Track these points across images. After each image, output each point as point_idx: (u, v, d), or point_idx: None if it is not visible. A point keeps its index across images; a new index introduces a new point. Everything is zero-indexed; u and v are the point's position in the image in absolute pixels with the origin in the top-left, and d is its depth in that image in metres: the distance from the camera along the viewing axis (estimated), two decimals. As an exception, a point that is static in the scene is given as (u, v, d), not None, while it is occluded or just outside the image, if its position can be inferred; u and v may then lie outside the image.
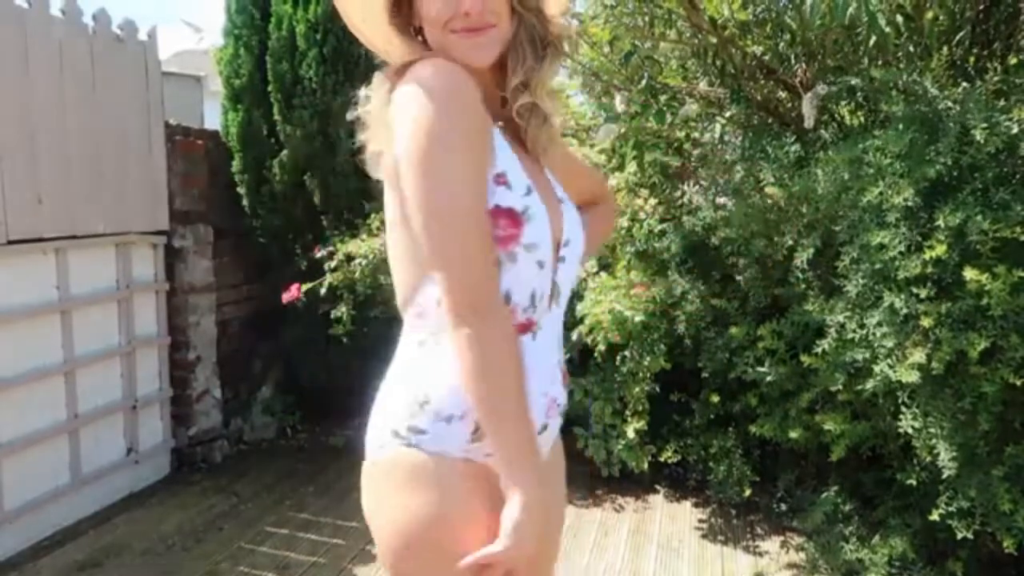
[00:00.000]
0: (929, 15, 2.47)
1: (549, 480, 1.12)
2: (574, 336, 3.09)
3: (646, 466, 3.09)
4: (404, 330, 1.09)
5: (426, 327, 1.03)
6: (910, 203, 2.00)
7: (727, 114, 3.12)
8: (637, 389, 2.99)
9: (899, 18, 2.43)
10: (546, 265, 1.04)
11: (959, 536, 2.05)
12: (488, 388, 0.95)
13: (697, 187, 3.22)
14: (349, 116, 1.12)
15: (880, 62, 2.59)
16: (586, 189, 1.32)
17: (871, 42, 2.35)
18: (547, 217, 1.03)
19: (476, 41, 1.01)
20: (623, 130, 3.17)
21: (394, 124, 0.98)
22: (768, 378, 2.60)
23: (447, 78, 0.96)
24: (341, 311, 3.39)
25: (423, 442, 0.99)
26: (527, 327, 1.04)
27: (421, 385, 1.01)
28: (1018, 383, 1.90)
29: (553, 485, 1.19)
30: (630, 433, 3.00)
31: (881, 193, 2.04)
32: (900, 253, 2.00)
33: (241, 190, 3.79)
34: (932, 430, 2.04)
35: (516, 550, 0.93)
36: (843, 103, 2.80)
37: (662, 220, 3.22)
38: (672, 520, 3.01)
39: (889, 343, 2.04)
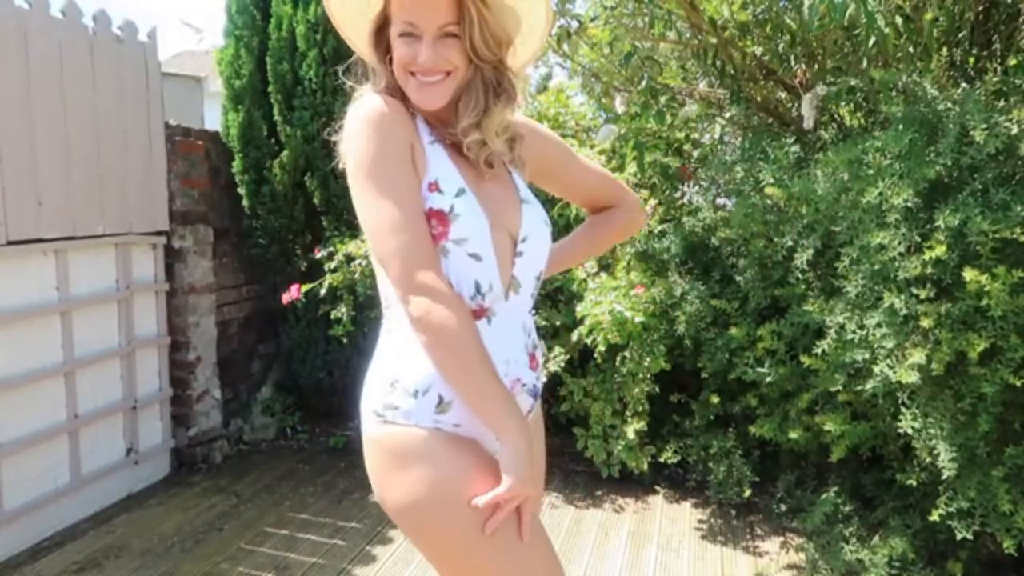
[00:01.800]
0: (928, 16, 2.47)
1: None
2: (574, 336, 3.10)
3: (646, 467, 3.09)
4: (382, 323, 1.26)
5: (391, 317, 1.21)
6: (910, 204, 2.01)
7: (727, 115, 3.12)
8: (637, 390, 2.99)
9: (898, 19, 2.43)
10: (485, 258, 1.17)
11: (959, 537, 2.05)
12: (450, 355, 1.10)
13: (697, 188, 3.22)
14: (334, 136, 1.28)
15: (879, 63, 2.60)
16: (598, 196, 1.51)
17: (870, 43, 2.35)
18: (482, 215, 1.16)
19: (427, 89, 1.16)
20: (623, 131, 3.18)
21: (342, 145, 1.18)
22: (768, 379, 2.60)
23: (372, 109, 1.14)
24: (341, 312, 3.39)
25: (397, 417, 1.14)
26: (479, 314, 1.17)
27: (391, 367, 1.17)
28: (1018, 384, 1.90)
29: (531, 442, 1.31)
30: (630, 434, 3.01)
31: (881, 194, 2.05)
32: (900, 254, 2.01)
33: (241, 191, 3.79)
34: (932, 431, 2.04)
35: (519, 487, 1.07)
36: (843, 104, 2.80)
37: (662, 221, 3.22)
38: (672, 521, 3.01)
39: (889, 344, 2.04)
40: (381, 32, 1.21)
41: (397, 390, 1.15)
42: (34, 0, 2.71)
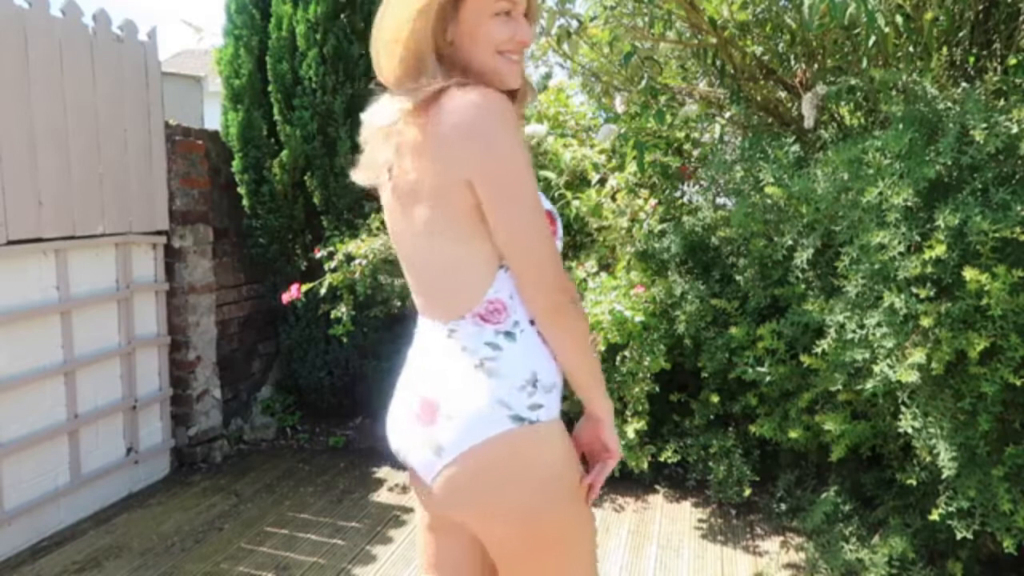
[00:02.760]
0: (928, 15, 2.47)
1: None
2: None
3: (646, 466, 3.09)
4: (463, 333, 1.17)
5: (504, 320, 1.16)
6: (910, 203, 2.01)
7: (727, 115, 3.12)
8: (637, 389, 2.99)
9: (898, 18, 2.43)
10: None
11: (959, 536, 2.05)
12: (584, 346, 1.18)
13: (697, 187, 3.23)
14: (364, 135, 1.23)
15: (880, 62, 2.60)
16: None
17: (870, 42, 2.35)
18: None
19: (515, 67, 1.16)
20: (623, 130, 3.18)
21: (464, 147, 1.07)
22: (768, 378, 2.60)
23: (502, 103, 1.08)
24: (341, 311, 3.39)
25: (542, 415, 1.15)
26: None
27: (527, 368, 1.15)
28: (1018, 383, 1.90)
29: None
30: (630, 433, 3.00)
31: (881, 193, 2.05)
32: (900, 253, 2.01)
33: (241, 190, 3.79)
34: (932, 430, 2.04)
35: (619, 454, 1.26)
36: (843, 103, 2.81)
37: (662, 220, 3.22)
38: (672, 520, 3.01)
39: (889, 343, 2.04)
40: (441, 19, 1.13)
41: (539, 389, 1.15)
42: (34, 0, 2.71)
